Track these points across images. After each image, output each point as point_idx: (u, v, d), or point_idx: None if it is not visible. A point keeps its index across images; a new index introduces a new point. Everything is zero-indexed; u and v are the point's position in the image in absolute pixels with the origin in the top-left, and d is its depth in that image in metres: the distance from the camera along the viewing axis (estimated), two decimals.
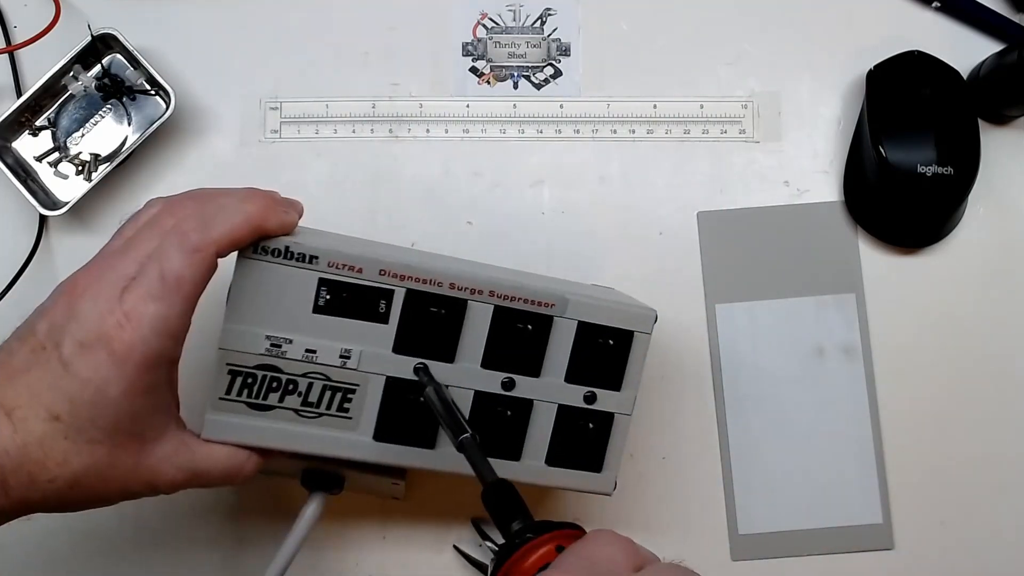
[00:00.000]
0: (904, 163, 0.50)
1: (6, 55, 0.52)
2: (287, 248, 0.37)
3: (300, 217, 0.40)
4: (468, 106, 0.54)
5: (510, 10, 0.55)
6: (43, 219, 0.51)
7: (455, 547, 0.50)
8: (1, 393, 0.34)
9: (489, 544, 0.49)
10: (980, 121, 0.52)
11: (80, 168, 0.52)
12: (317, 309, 0.38)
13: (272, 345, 0.38)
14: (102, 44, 0.51)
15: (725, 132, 0.54)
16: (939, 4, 0.54)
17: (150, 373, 0.34)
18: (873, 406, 0.52)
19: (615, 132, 0.54)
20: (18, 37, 0.53)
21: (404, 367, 0.40)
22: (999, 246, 0.53)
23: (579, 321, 0.42)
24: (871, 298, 0.52)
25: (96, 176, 0.51)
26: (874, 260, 0.53)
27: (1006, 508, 0.52)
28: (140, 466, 0.36)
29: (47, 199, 0.51)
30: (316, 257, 0.38)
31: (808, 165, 0.54)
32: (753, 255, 0.53)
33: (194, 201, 0.37)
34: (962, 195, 0.51)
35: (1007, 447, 0.52)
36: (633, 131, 0.54)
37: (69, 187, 0.52)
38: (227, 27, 0.54)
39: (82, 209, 0.51)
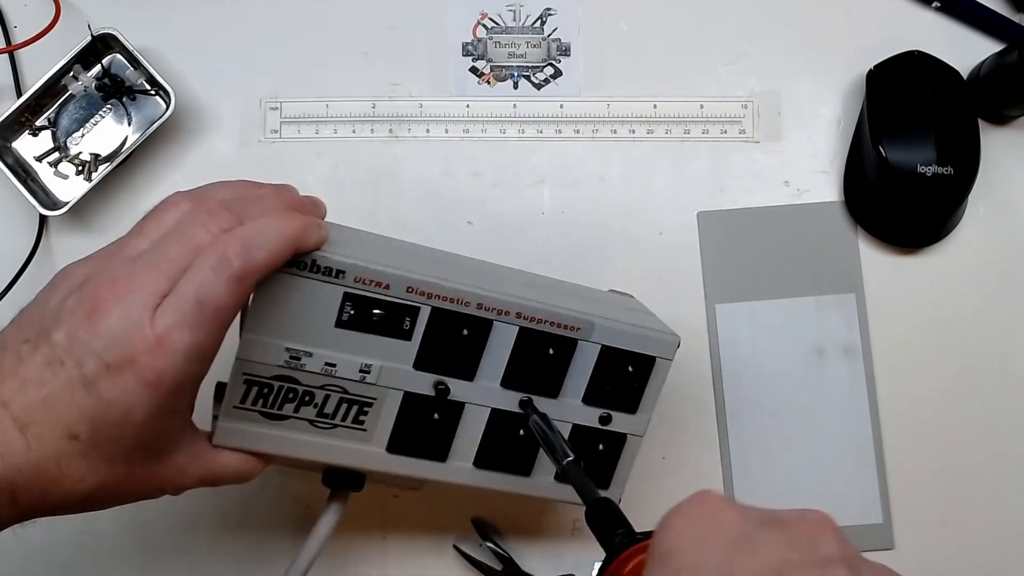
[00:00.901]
0: (904, 163, 0.50)
1: (6, 55, 0.52)
2: (313, 261, 0.36)
3: (324, 217, 0.39)
4: (468, 106, 0.54)
5: (510, 10, 0.55)
6: (43, 219, 0.51)
7: (455, 547, 0.50)
8: (15, 406, 0.32)
9: (489, 544, 0.49)
10: (980, 121, 0.52)
11: (80, 168, 0.52)
12: (340, 324, 0.37)
13: (291, 357, 0.37)
14: (102, 44, 0.51)
15: (725, 132, 0.54)
16: (939, 4, 0.54)
17: (178, 397, 0.33)
18: (873, 406, 0.52)
19: (615, 132, 0.54)
20: (18, 37, 0.53)
21: (423, 383, 0.39)
22: (999, 246, 0.53)
23: (602, 345, 0.41)
24: (871, 298, 0.52)
25: (96, 176, 0.51)
26: (874, 260, 0.53)
27: (1006, 508, 0.52)
28: (155, 477, 0.35)
29: (47, 199, 0.51)
30: (343, 272, 0.37)
31: (808, 165, 0.54)
32: (753, 255, 0.53)
33: (229, 213, 0.34)
34: (962, 195, 0.51)
35: (1007, 447, 0.52)
36: (633, 131, 0.54)
37: (69, 187, 0.52)
38: (227, 27, 0.54)
39: (82, 209, 0.51)
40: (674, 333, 0.43)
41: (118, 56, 0.52)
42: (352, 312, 0.37)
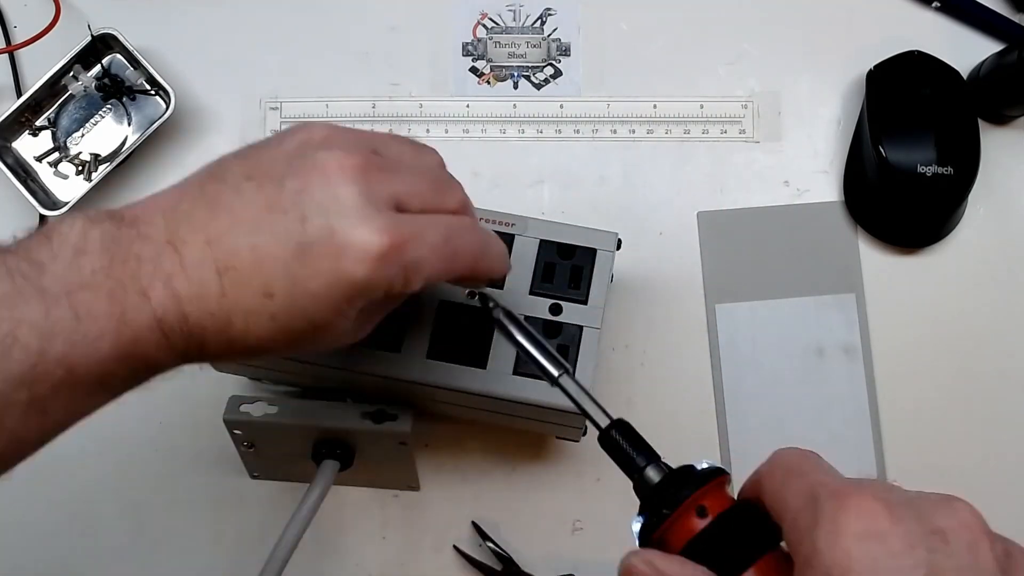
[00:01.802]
0: (904, 163, 0.50)
1: (6, 55, 0.52)
2: None
3: None
4: (468, 106, 0.54)
5: (510, 10, 0.55)
6: (43, 219, 0.51)
7: (455, 547, 0.50)
8: (221, 246, 0.29)
9: (489, 544, 0.49)
10: (980, 121, 0.52)
11: (80, 168, 0.52)
12: None
13: None
14: (102, 44, 0.51)
15: (725, 132, 0.54)
16: (939, 4, 0.54)
17: (363, 312, 0.31)
18: (873, 406, 0.52)
19: (615, 132, 0.54)
20: (18, 37, 0.53)
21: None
22: (999, 246, 0.53)
23: (540, 240, 0.43)
24: (871, 298, 0.52)
25: (96, 176, 0.51)
26: (874, 260, 0.53)
27: (1006, 508, 0.51)
28: (315, 345, 0.32)
29: (47, 199, 0.51)
30: None
31: (808, 165, 0.54)
32: (753, 255, 0.53)
33: (453, 188, 0.35)
34: (962, 195, 0.51)
35: (1007, 447, 0.52)
36: (633, 131, 0.54)
37: (69, 187, 0.52)
38: (227, 27, 0.54)
39: (82, 209, 0.51)
40: (613, 232, 0.44)
41: (118, 56, 0.52)
42: None
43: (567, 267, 0.43)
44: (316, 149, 0.31)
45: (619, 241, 0.44)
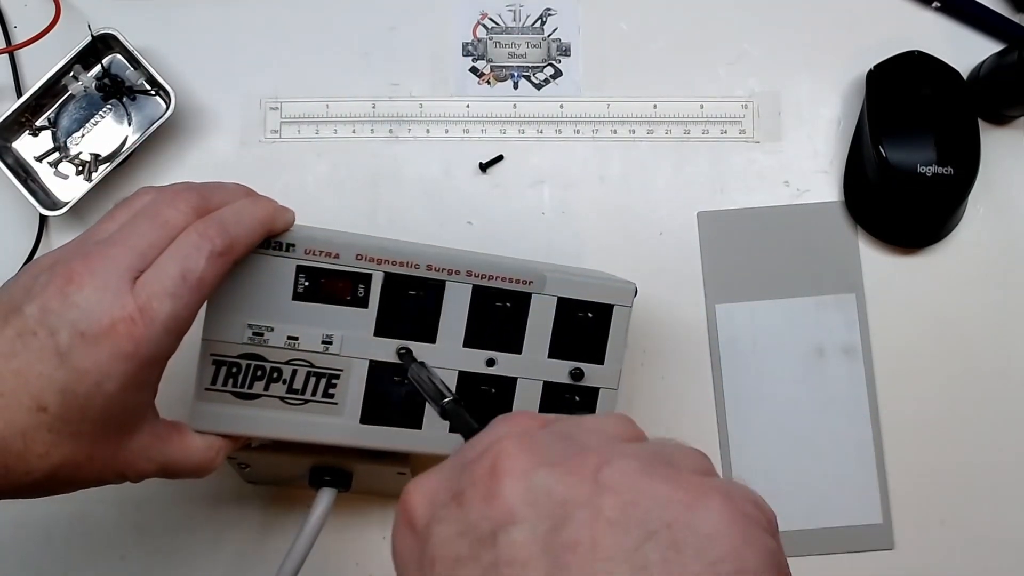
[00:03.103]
0: (904, 163, 0.50)
1: (6, 55, 0.52)
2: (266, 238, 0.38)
3: None
4: (468, 106, 0.54)
5: (510, 10, 0.55)
6: (43, 219, 0.51)
7: None
8: None
9: None
10: (980, 121, 0.52)
11: (80, 168, 0.52)
12: (297, 296, 0.39)
13: (254, 334, 0.39)
14: (102, 44, 0.51)
15: (725, 132, 0.54)
16: (939, 4, 0.54)
17: (150, 370, 0.34)
18: (873, 406, 0.52)
19: (615, 132, 0.54)
20: (18, 37, 0.53)
21: (387, 350, 0.40)
22: (999, 246, 0.53)
23: (558, 297, 0.42)
24: (871, 298, 0.52)
25: (96, 176, 0.51)
26: (874, 260, 0.53)
27: (1006, 508, 0.52)
28: (116, 458, 0.35)
29: (47, 199, 0.51)
30: (293, 245, 0.38)
31: (808, 165, 0.54)
32: (753, 255, 0.53)
33: (195, 193, 0.36)
34: (962, 195, 0.51)
35: (1007, 447, 0.52)
36: (633, 131, 0.54)
37: (69, 187, 0.52)
38: (227, 27, 0.54)
39: (82, 209, 0.51)
40: (630, 282, 0.43)
41: (118, 56, 0.52)
42: (307, 284, 0.39)
43: (584, 325, 0.42)
44: (41, 273, 0.33)
45: (635, 291, 0.43)
